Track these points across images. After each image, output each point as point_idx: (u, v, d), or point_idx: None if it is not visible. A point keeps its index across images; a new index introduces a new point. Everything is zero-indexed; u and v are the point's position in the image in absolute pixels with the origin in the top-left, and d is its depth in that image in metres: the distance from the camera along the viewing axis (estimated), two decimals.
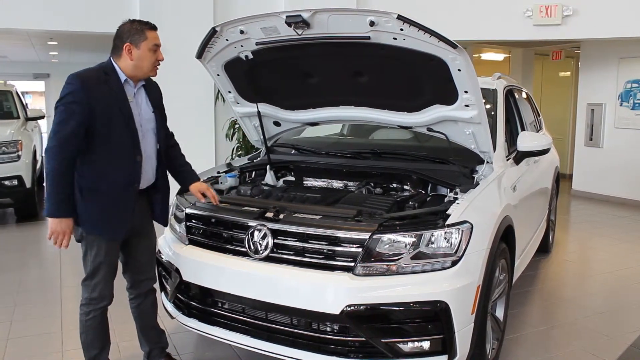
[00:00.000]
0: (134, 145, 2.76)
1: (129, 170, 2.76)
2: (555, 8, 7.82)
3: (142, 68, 2.77)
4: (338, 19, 2.90)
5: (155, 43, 2.79)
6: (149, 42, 2.76)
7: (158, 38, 2.82)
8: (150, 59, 2.78)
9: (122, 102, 2.72)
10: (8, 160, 6.93)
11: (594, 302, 4.58)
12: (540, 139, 3.90)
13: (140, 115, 2.82)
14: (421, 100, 3.31)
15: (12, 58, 14.80)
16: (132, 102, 2.77)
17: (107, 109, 2.65)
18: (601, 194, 9.09)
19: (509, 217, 3.25)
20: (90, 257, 2.79)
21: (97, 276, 2.80)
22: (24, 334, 3.82)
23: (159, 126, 2.93)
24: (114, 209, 2.75)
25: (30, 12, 7.23)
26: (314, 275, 2.70)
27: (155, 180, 2.96)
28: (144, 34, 2.75)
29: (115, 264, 2.87)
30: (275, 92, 3.74)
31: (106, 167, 2.71)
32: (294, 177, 3.83)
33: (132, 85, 2.80)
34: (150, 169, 2.90)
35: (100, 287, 2.81)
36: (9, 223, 7.42)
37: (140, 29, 2.76)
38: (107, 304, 2.87)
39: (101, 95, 2.64)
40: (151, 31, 2.78)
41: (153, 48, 2.78)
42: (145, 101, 2.88)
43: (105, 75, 2.71)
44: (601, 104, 9.13)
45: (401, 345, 2.63)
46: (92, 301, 2.82)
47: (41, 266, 5.62)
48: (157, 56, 2.81)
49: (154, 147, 2.92)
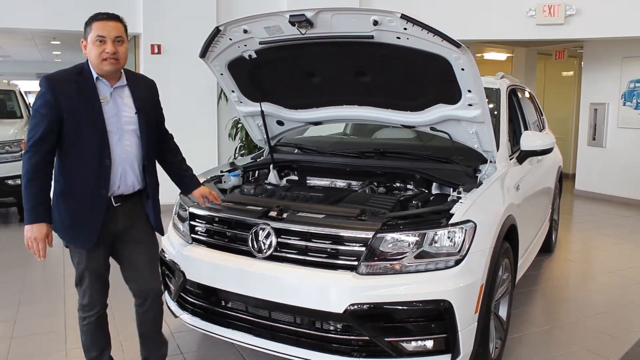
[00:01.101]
0: (102, 149, 2.57)
1: (97, 174, 2.58)
2: (558, 7, 7.81)
3: (93, 62, 2.57)
4: (341, 18, 2.90)
5: (97, 34, 2.54)
6: (92, 34, 2.55)
7: (104, 28, 2.55)
8: (95, 51, 2.54)
9: (91, 102, 2.55)
10: (11, 159, 6.93)
11: (597, 301, 4.57)
12: (544, 139, 3.90)
13: (117, 116, 2.62)
14: (424, 99, 3.31)
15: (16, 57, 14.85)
16: (105, 102, 2.59)
17: (75, 110, 2.51)
18: (604, 194, 9.08)
19: (512, 217, 3.25)
20: (74, 264, 2.72)
21: (83, 283, 2.72)
22: (27, 332, 3.83)
23: (144, 129, 2.70)
24: (82, 215, 2.60)
25: (33, 11, 7.24)
26: (317, 274, 2.71)
27: (143, 186, 2.77)
28: (89, 26, 2.57)
29: (100, 272, 2.74)
30: (278, 91, 3.75)
31: (74, 171, 2.58)
32: (297, 177, 3.83)
33: (107, 85, 2.62)
34: (131, 175, 2.69)
35: (88, 294, 2.73)
36: (12, 222, 7.44)
37: (88, 22, 2.59)
38: (98, 311, 2.78)
39: (69, 96, 2.51)
40: (97, 22, 2.56)
41: (96, 39, 2.54)
42: (126, 102, 2.68)
43: (77, 75, 2.58)
44: (604, 104, 9.12)
45: (404, 344, 2.63)
46: (84, 307, 2.76)
47: (44, 265, 5.63)
48: (102, 48, 2.54)
49: (137, 151, 2.70)
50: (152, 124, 2.79)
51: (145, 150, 2.72)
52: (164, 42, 7.66)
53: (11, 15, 7.22)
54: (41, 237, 2.51)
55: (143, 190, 2.77)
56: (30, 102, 10.76)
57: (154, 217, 2.83)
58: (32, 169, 2.48)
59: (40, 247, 2.51)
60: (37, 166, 2.48)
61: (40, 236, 2.50)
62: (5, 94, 8.45)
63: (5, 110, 8.28)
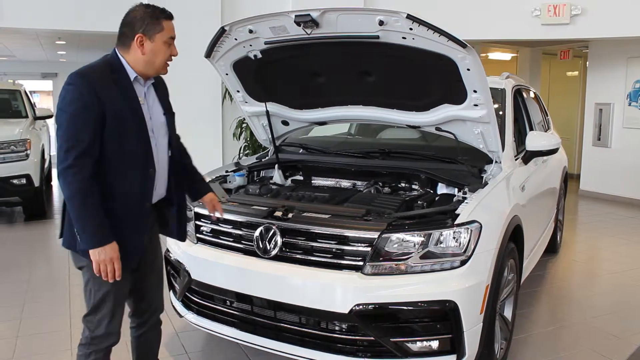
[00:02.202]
0: (147, 155, 2.34)
1: (142, 184, 2.33)
2: (564, 7, 7.79)
3: (154, 64, 2.34)
4: (347, 18, 2.90)
5: (171, 35, 2.35)
6: (164, 34, 2.31)
7: (174, 29, 2.38)
8: (164, 54, 2.34)
9: (135, 105, 2.30)
10: (17, 159, 6.96)
11: (602, 302, 4.56)
12: (549, 139, 3.90)
13: (152, 119, 2.39)
14: (430, 99, 3.30)
15: (21, 57, 14.87)
16: (143, 104, 2.36)
17: (118, 114, 2.22)
18: (609, 194, 9.05)
19: (517, 217, 3.25)
20: (93, 287, 2.33)
21: (102, 309, 2.34)
22: (33, 331, 3.84)
23: (172, 130, 2.52)
24: (125, 231, 2.28)
25: (38, 11, 7.26)
26: (322, 275, 2.71)
27: (167, 192, 2.53)
28: (159, 24, 2.30)
29: (124, 295, 2.43)
30: (283, 91, 3.75)
31: (116, 181, 2.26)
32: (302, 177, 3.83)
33: (142, 84, 2.37)
34: (162, 182, 2.47)
35: (105, 323, 2.35)
36: (18, 222, 7.46)
37: (156, 18, 2.30)
38: (113, 343, 2.41)
39: (111, 98, 2.21)
40: (168, 21, 2.34)
41: (168, 41, 2.34)
42: (156, 103, 2.46)
43: (112, 73, 2.28)
44: (609, 104, 9.09)
45: (410, 344, 2.63)
46: (94, 340, 2.36)
47: (49, 264, 5.65)
48: (171, 51, 2.37)
49: (167, 155, 2.49)
50: (174, 124, 2.58)
51: (172, 154, 2.52)
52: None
53: (17, 15, 7.24)
54: (117, 256, 2.21)
55: (166, 197, 2.53)
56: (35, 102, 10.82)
57: (178, 226, 2.61)
58: (85, 184, 2.14)
59: (117, 267, 2.21)
60: (89, 180, 2.15)
61: (116, 255, 2.20)
62: (10, 93, 8.49)
63: (10, 110, 8.31)
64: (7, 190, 6.94)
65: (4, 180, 6.87)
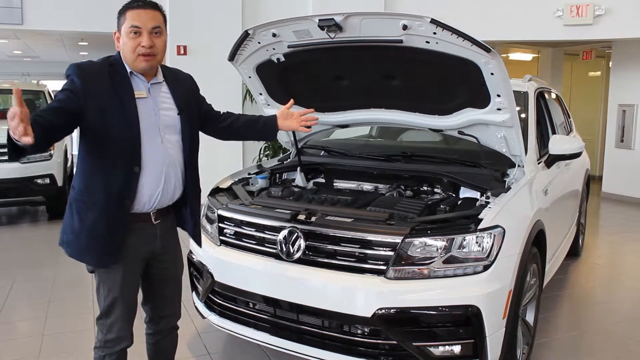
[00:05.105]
0: (133, 153, 2.24)
1: (122, 181, 2.24)
2: (587, 8, 7.71)
3: (127, 58, 2.26)
4: (370, 22, 2.91)
5: (132, 24, 2.21)
6: (126, 24, 2.22)
7: (140, 18, 2.22)
8: (129, 46, 2.23)
9: (126, 99, 2.23)
10: (41, 159, 7.06)
11: (625, 307, 4.51)
12: (573, 143, 3.87)
13: (157, 115, 2.32)
14: (453, 103, 3.30)
15: (44, 58, 15.09)
16: (143, 97, 2.29)
17: (105, 106, 2.18)
18: (632, 197, 8.94)
19: (540, 222, 3.23)
20: (103, 292, 2.36)
21: (112, 314, 2.35)
22: (58, 330, 3.91)
23: (187, 130, 2.41)
24: (99, 228, 2.25)
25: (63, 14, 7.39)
26: (345, 278, 2.72)
27: (182, 194, 2.47)
28: (124, 16, 2.24)
29: (134, 300, 2.43)
30: (306, 94, 3.75)
31: (97, 175, 2.25)
32: (324, 179, 3.85)
33: (142, 80, 2.31)
34: (173, 181, 2.38)
35: (117, 327, 2.37)
36: (41, 220, 7.58)
37: (121, 11, 2.26)
38: (126, 347, 2.43)
39: (100, 89, 2.19)
40: (132, 10, 2.23)
41: (131, 30, 2.21)
42: (167, 100, 2.38)
43: (110, 66, 2.26)
44: (633, 105, 8.98)
45: (432, 349, 2.63)
46: (107, 344, 2.38)
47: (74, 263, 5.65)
48: (137, 41, 2.22)
49: (179, 154, 2.40)
50: (196, 123, 2.52)
51: (187, 154, 2.43)
52: (190, 43, 7.73)
53: (42, 17, 7.38)
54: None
55: (181, 198, 2.48)
56: None
57: (193, 227, 2.57)
58: None
59: None
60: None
61: None
62: (34, 94, 8.61)
63: (34, 111, 8.40)
64: (31, 189, 7.05)
65: (29, 180, 6.97)
